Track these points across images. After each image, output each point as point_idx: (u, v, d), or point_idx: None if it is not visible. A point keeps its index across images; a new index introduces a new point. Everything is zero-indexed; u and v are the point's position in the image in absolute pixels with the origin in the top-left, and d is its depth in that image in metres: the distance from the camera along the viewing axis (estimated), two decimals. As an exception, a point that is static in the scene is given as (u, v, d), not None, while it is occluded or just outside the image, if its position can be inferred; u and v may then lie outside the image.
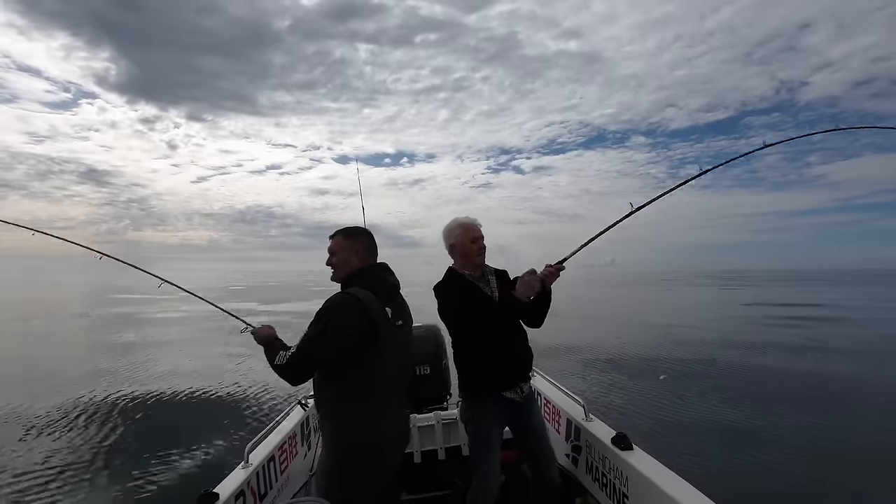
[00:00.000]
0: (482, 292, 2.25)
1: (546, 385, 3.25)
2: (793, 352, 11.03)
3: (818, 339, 13.17)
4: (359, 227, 1.99)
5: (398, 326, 1.87)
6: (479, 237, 2.28)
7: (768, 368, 9.02)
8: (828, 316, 20.07)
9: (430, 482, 3.02)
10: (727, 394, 7.21)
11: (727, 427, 5.84)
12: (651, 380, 8.19)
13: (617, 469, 2.17)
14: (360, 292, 1.75)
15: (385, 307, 1.80)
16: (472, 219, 2.32)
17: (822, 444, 5.31)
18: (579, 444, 2.59)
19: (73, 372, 10.04)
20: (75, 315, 22.84)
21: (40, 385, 8.76)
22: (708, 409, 6.47)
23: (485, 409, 2.23)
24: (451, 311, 2.20)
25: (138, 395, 8.05)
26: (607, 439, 2.28)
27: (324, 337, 1.66)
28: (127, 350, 12.66)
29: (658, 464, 2.03)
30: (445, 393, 3.30)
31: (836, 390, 7.65)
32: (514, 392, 2.23)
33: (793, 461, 4.87)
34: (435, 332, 3.36)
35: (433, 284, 2.29)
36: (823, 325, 15.94)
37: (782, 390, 7.51)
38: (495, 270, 2.37)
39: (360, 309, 1.71)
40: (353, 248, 1.89)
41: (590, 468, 2.46)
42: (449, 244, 2.31)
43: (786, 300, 29.02)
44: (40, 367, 10.75)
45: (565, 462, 2.72)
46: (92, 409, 7.29)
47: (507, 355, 2.22)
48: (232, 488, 2.18)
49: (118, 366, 10.64)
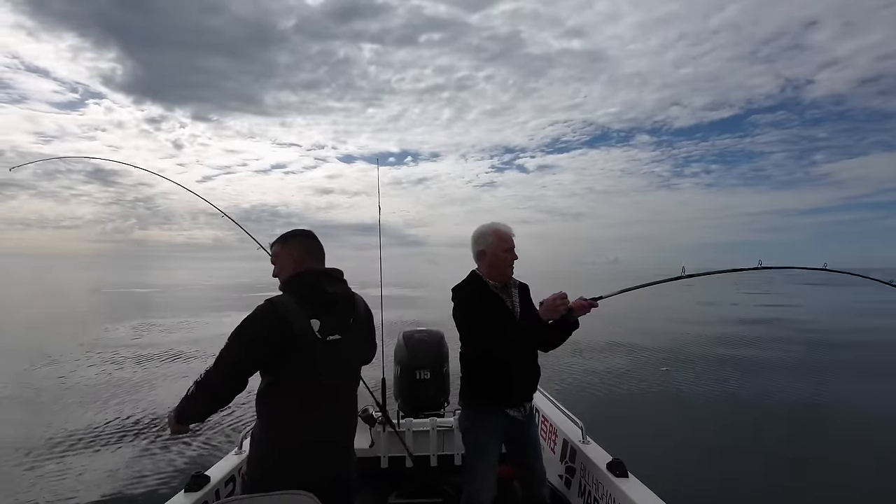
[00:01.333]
0: (504, 305, 2.17)
1: (545, 402, 3.22)
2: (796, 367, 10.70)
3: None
4: (298, 230, 1.86)
5: (328, 341, 1.68)
6: (512, 247, 2.19)
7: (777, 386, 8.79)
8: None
9: (421, 487, 3.00)
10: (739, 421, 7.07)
11: (732, 460, 5.72)
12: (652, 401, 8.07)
13: (610, 496, 2.14)
14: (282, 298, 1.68)
15: (312, 317, 1.66)
16: (508, 227, 2.21)
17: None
18: (574, 466, 2.56)
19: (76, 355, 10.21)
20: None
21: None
22: (713, 438, 6.35)
23: (485, 422, 2.18)
24: (469, 319, 2.11)
25: (136, 378, 8.15)
26: (603, 464, 2.25)
27: (234, 341, 1.61)
28: (136, 331, 12.83)
29: (652, 495, 2.00)
30: (444, 400, 3.28)
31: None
32: (517, 410, 2.18)
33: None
34: (439, 338, 3.34)
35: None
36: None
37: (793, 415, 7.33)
38: (518, 283, 2.28)
39: (274, 315, 1.62)
40: (289, 254, 1.80)
41: (582, 492, 2.43)
42: (479, 249, 2.20)
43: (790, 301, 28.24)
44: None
45: (557, 483, 2.68)
46: (86, 388, 7.42)
47: (517, 372, 2.17)
48: (223, 472, 2.20)
49: (127, 347, 10.80)
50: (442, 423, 3.09)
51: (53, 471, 4.69)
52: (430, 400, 3.22)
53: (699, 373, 9.80)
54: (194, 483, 2.07)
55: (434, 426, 3.05)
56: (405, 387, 3.24)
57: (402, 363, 3.26)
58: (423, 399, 3.21)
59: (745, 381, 9.53)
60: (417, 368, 3.19)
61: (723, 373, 9.85)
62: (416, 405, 3.22)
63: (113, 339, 12.59)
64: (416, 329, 3.43)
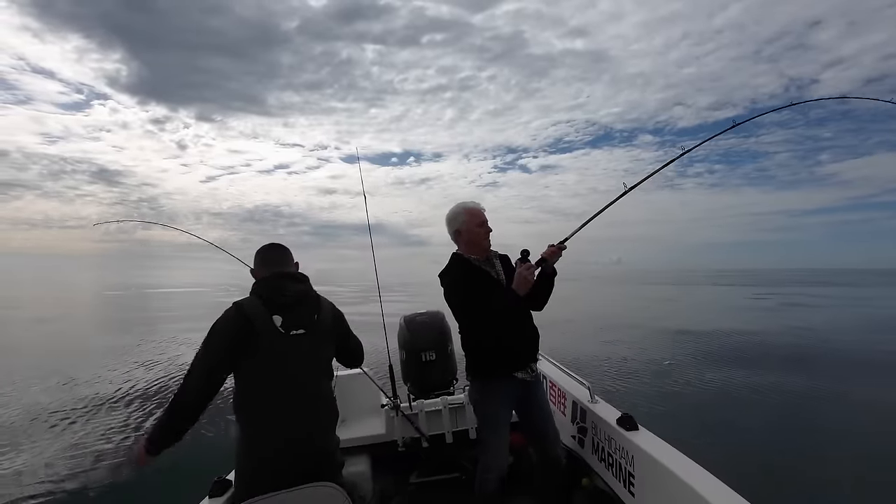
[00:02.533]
0: (489, 276, 2.27)
1: (551, 368, 3.28)
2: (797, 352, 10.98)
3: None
4: (264, 245, 2.02)
5: (292, 335, 1.81)
6: (485, 221, 2.29)
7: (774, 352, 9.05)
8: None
9: (439, 465, 3.07)
10: (733, 374, 7.26)
11: (731, 407, 5.89)
12: (657, 365, 8.24)
13: (623, 449, 2.20)
14: (246, 300, 1.82)
15: (274, 314, 1.79)
16: (476, 203, 2.32)
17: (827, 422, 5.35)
18: (585, 425, 2.62)
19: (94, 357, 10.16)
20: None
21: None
22: (713, 390, 6.52)
23: (494, 391, 2.25)
24: (460, 296, 2.19)
25: (152, 379, 8.12)
26: (613, 420, 2.31)
27: (205, 346, 1.74)
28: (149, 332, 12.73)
29: (664, 443, 2.06)
30: (452, 378, 3.32)
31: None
32: (524, 372, 2.26)
33: (801, 441, 4.91)
34: (440, 319, 3.37)
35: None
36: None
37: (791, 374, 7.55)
38: (498, 254, 2.39)
39: (238, 314, 1.76)
40: (256, 265, 1.98)
41: (595, 449, 2.50)
42: (454, 230, 2.31)
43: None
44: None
45: (571, 443, 2.75)
46: (107, 392, 7.41)
47: (517, 336, 2.25)
48: None
49: (138, 349, 10.74)
50: (453, 400, 3.14)
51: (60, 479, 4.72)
52: (438, 380, 3.27)
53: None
54: (217, 488, 2.10)
55: (445, 405, 3.10)
56: (412, 370, 3.28)
57: (407, 347, 3.29)
58: (432, 380, 3.26)
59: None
60: (422, 350, 3.22)
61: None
62: (426, 386, 3.26)
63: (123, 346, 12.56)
64: (416, 313, 3.46)
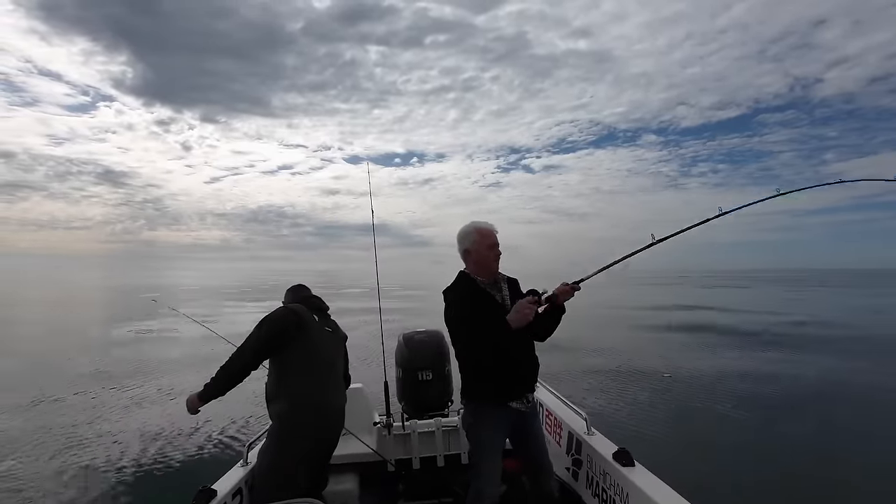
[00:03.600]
0: (494, 300, 2.21)
1: (548, 396, 3.23)
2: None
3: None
4: (292, 286, 2.71)
5: (326, 330, 2.53)
6: (496, 244, 2.25)
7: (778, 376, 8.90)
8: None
9: (430, 489, 3.00)
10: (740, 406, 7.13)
11: (735, 444, 5.76)
12: (655, 389, 8.11)
13: (618, 485, 2.15)
14: (291, 304, 2.50)
15: (312, 314, 2.48)
16: (490, 224, 2.28)
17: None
18: (580, 457, 2.57)
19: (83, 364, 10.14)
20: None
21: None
22: (715, 425, 6.39)
23: (488, 416, 2.20)
24: (461, 316, 2.15)
25: (143, 390, 8.08)
26: (609, 454, 2.26)
27: (259, 332, 2.30)
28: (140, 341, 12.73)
29: (660, 482, 2.01)
30: (447, 400, 3.28)
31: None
32: (520, 402, 2.21)
33: (805, 482, 4.78)
34: (438, 338, 3.33)
35: (443, 285, 2.26)
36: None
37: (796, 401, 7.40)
38: (507, 278, 2.33)
39: (289, 311, 2.41)
40: (287, 297, 2.63)
41: (590, 483, 2.44)
42: (464, 249, 2.26)
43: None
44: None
45: (565, 475, 2.69)
46: (96, 398, 7.34)
47: (515, 365, 2.19)
48: (230, 485, 2.19)
49: (130, 357, 10.73)
50: (447, 422, 3.09)
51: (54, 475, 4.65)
52: (433, 401, 3.22)
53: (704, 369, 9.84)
54: (201, 497, 2.06)
55: (439, 426, 3.05)
56: (408, 389, 3.24)
57: (404, 365, 3.26)
58: (427, 400, 3.21)
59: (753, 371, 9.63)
60: (419, 370, 3.19)
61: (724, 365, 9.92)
62: (420, 406, 3.22)
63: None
64: (415, 331, 3.43)
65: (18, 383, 8.64)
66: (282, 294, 2.68)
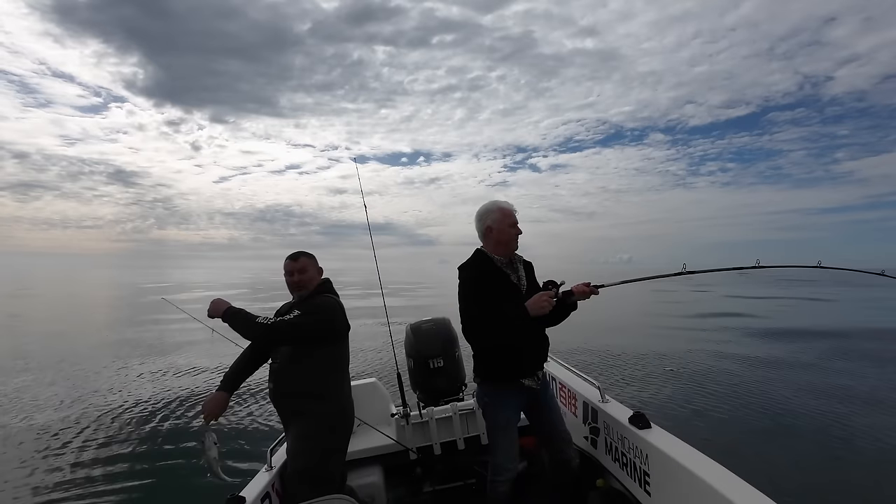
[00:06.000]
0: (510, 280, 2.23)
1: (560, 369, 3.26)
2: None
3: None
4: (307, 252, 2.43)
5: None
6: (517, 222, 2.26)
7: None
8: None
9: (453, 472, 3.05)
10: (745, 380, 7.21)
11: (749, 405, 5.85)
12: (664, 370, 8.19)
13: (636, 448, 2.18)
14: (337, 298, 2.34)
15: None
16: (510, 203, 2.29)
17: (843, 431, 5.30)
18: (597, 425, 2.60)
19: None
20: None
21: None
22: (726, 389, 6.48)
23: (502, 394, 2.24)
24: (475, 294, 2.14)
25: (163, 395, 8.11)
26: (625, 419, 2.29)
27: (312, 319, 2.15)
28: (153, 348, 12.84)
29: (678, 440, 2.04)
30: (461, 384, 3.31)
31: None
32: (531, 380, 2.24)
33: (816, 440, 4.86)
34: (447, 325, 3.36)
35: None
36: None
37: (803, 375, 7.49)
38: (523, 260, 2.34)
39: (341, 307, 2.31)
40: (316, 266, 2.39)
41: (609, 449, 2.48)
42: (485, 226, 2.25)
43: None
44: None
45: (584, 444, 2.73)
46: (116, 406, 7.38)
47: (526, 344, 2.22)
48: (257, 491, 2.23)
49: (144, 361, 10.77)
50: (463, 406, 3.12)
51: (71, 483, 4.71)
52: (447, 386, 3.25)
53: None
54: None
55: (456, 411, 3.08)
56: (421, 377, 3.27)
57: (414, 355, 3.28)
58: (441, 387, 3.25)
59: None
60: (430, 358, 3.21)
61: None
62: (435, 394, 3.25)
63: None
64: (421, 320, 3.45)
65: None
66: (287, 294, 2.45)
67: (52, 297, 28.49)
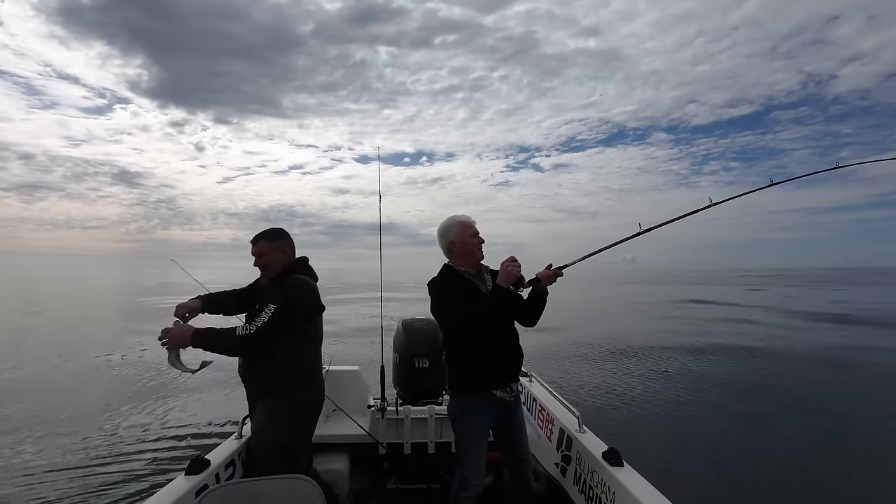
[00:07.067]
0: (478, 290, 2.26)
1: (542, 391, 3.24)
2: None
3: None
4: (277, 228, 2.39)
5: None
6: (478, 232, 2.31)
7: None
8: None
9: (419, 474, 3.04)
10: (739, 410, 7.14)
11: (728, 455, 5.78)
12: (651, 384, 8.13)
13: (605, 484, 2.16)
14: (304, 278, 2.29)
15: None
16: (468, 216, 2.35)
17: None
18: (570, 454, 2.59)
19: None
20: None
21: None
22: (711, 430, 6.40)
23: (473, 406, 2.23)
24: (444, 304, 2.19)
25: (144, 361, 8.16)
26: (598, 453, 2.27)
27: (283, 313, 2.10)
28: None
29: (647, 484, 2.02)
30: (441, 388, 3.30)
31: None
32: (504, 391, 2.24)
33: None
34: (436, 327, 3.35)
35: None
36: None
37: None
38: (490, 270, 2.37)
39: (315, 290, 2.30)
40: (280, 248, 2.35)
41: (577, 480, 2.46)
42: (447, 241, 2.30)
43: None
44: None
45: (553, 470, 2.72)
46: (98, 367, 7.44)
47: (501, 355, 2.23)
48: (224, 456, 2.23)
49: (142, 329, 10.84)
50: (440, 410, 3.12)
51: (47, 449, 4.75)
52: (428, 388, 3.25)
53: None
54: (195, 466, 2.10)
55: (432, 414, 3.08)
56: (404, 375, 3.26)
57: (402, 351, 3.28)
58: (422, 387, 3.24)
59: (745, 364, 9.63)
60: (416, 357, 3.21)
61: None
62: (415, 393, 3.25)
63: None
64: (415, 318, 3.45)
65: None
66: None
67: (66, 296, 28.38)
